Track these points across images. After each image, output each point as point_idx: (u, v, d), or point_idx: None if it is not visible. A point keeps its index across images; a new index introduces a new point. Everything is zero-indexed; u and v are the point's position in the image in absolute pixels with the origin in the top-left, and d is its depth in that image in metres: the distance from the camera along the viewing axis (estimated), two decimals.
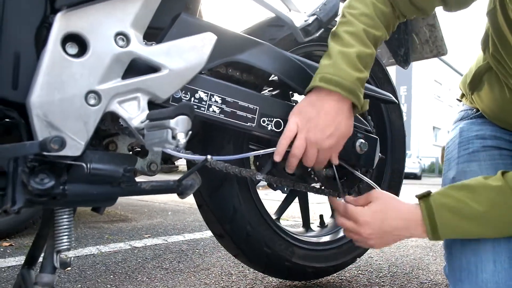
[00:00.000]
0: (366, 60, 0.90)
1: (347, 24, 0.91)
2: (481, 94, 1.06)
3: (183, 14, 0.86)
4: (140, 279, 1.42)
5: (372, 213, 0.89)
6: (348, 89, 0.87)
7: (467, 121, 1.10)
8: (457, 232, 0.84)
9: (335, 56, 0.88)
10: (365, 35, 0.90)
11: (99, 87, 0.73)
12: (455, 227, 0.83)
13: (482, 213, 0.80)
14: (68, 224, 0.78)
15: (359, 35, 0.89)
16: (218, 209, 1.12)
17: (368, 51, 0.90)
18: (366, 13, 0.90)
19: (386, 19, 0.93)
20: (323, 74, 0.88)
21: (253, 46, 0.94)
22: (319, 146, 0.90)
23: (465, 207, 0.81)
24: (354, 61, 0.88)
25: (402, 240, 2.20)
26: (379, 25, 0.92)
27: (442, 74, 33.15)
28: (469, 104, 1.14)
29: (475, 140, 1.03)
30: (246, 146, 1.14)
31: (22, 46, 0.69)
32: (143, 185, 0.82)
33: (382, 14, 0.92)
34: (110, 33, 0.74)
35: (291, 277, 1.29)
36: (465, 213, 0.81)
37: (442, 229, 0.83)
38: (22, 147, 0.64)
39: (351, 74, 0.87)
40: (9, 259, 1.67)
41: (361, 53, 0.88)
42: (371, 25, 0.90)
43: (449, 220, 0.82)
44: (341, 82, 0.86)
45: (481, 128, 1.04)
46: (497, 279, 0.80)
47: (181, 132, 0.67)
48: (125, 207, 3.45)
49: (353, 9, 0.91)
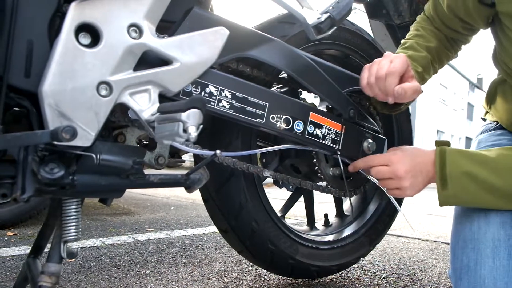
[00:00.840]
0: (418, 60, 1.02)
1: (402, 44, 1.07)
2: (497, 106, 1.09)
3: (196, 8, 0.86)
4: (143, 272, 1.42)
5: (402, 152, 0.95)
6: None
7: (487, 133, 1.12)
8: (463, 171, 0.86)
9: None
10: (417, 45, 1.04)
11: (111, 78, 0.73)
12: (462, 166, 0.86)
13: (490, 158, 0.85)
14: (76, 215, 0.79)
15: (412, 46, 1.04)
16: (224, 205, 1.12)
17: (420, 54, 1.03)
18: (417, 34, 1.07)
19: (438, 37, 1.07)
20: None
21: (265, 42, 0.94)
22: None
23: (476, 153, 0.88)
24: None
25: (405, 242, 2.20)
26: (431, 39, 1.06)
27: (448, 78, 33.03)
28: (491, 118, 1.16)
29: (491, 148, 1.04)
30: (254, 142, 1.13)
31: (35, 34, 0.69)
32: (151, 178, 0.82)
33: (432, 32, 1.07)
34: (123, 24, 0.73)
35: (294, 275, 1.29)
36: (475, 157, 0.87)
37: (450, 167, 0.86)
38: (34, 135, 0.64)
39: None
40: (13, 248, 1.68)
41: (413, 55, 1.02)
42: (423, 40, 1.05)
43: (458, 160, 0.87)
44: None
45: (498, 138, 1.06)
46: (495, 275, 0.81)
47: (192, 126, 0.67)
48: (128, 200, 3.46)
49: (407, 37, 1.09)
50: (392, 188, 0.96)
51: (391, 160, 0.94)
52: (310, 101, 1.16)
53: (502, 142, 1.04)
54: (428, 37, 1.06)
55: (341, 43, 1.23)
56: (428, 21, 1.08)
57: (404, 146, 1.00)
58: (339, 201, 1.45)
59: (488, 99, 1.13)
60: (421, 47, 1.03)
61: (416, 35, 1.06)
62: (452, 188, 0.86)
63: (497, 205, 0.86)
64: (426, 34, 1.06)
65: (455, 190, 0.87)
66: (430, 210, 3.90)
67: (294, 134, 0.99)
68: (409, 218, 3.14)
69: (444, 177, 0.87)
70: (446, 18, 1.03)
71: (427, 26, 1.07)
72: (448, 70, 32.56)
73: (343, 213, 1.45)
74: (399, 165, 0.93)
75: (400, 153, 0.95)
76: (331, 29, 0.97)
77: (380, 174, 0.96)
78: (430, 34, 1.06)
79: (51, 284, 0.75)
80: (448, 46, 1.10)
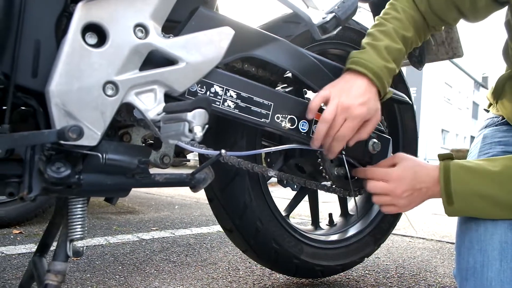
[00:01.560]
0: (394, 53, 0.97)
1: (379, 25, 1.01)
2: (504, 102, 1.08)
3: (201, 7, 0.86)
4: (148, 271, 1.42)
5: (403, 169, 0.92)
6: (375, 74, 0.93)
7: (492, 127, 1.11)
8: (469, 189, 0.85)
9: (366, 47, 0.97)
10: (395, 33, 0.98)
11: (117, 78, 0.73)
12: (468, 183, 0.85)
13: (496, 172, 0.84)
14: (82, 213, 0.79)
15: (389, 32, 0.98)
16: (229, 204, 1.12)
17: (396, 46, 0.98)
18: (396, 17, 1.01)
19: (416, 25, 1.02)
20: (353, 58, 0.96)
21: (270, 42, 0.94)
22: (350, 112, 0.91)
23: (480, 168, 0.85)
24: (382, 52, 0.95)
25: (410, 242, 2.19)
26: (409, 27, 1.00)
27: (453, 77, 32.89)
28: (496, 112, 1.15)
29: (497, 146, 1.03)
30: (259, 142, 1.14)
31: (42, 34, 0.70)
32: (157, 177, 0.82)
33: (412, 18, 1.01)
34: (129, 24, 0.74)
35: (299, 274, 1.29)
36: (479, 172, 0.85)
37: (455, 184, 0.85)
38: (41, 135, 0.65)
39: (379, 62, 0.94)
40: (19, 247, 1.69)
41: (389, 46, 0.96)
42: (401, 26, 0.99)
43: (463, 176, 0.86)
44: (370, 66, 0.93)
45: (504, 135, 1.05)
46: (502, 278, 0.80)
47: (198, 126, 0.67)
48: (132, 199, 3.47)
49: (386, 15, 1.02)
50: (386, 204, 0.95)
51: (391, 177, 0.92)
52: None
53: (509, 140, 1.04)
54: (406, 23, 1.01)
55: (346, 43, 1.23)
56: (411, 4, 1.03)
57: (406, 158, 0.96)
58: (343, 200, 1.45)
59: (495, 94, 1.12)
60: (398, 35, 0.99)
61: (395, 17, 1.00)
62: (457, 204, 0.86)
63: (504, 216, 0.85)
64: (405, 20, 1.01)
65: (461, 206, 0.87)
66: (435, 210, 3.89)
67: (299, 134, 0.99)
68: (414, 218, 3.13)
69: (449, 193, 0.86)
70: (440, 8, 1.00)
71: (408, 10, 1.01)
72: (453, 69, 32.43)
73: (348, 213, 1.45)
74: (398, 183, 0.91)
75: (400, 170, 0.92)
76: (336, 29, 0.97)
77: (377, 189, 0.94)
78: (409, 20, 1.01)
79: (57, 282, 0.76)
80: (421, 36, 1.06)
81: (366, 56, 0.94)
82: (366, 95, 0.93)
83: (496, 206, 0.84)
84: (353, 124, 0.92)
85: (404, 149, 1.41)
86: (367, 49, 0.96)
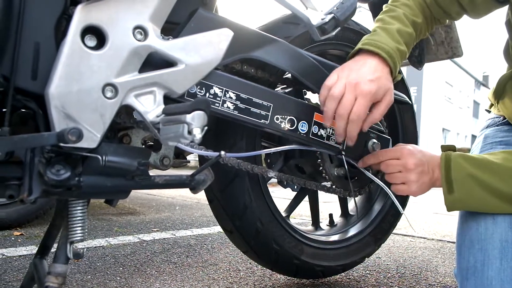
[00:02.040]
0: (405, 36, 0.97)
1: (389, 11, 1.01)
2: (505, 102, 1.08)
3: (201, 9, 0.86)
4: (149, 272, 1.43)
5: (412, 147, 0.97)
6: (388, 52, 0.92)
7: (493, 128, 1.12)
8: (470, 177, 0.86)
9: (377, 30, 0.97)
10: (405, 18, 0.99)
11: (116, 80, 0.73)
12: (468, 171, 0.86)
13: (497, 164, 0.85)
14: (82, 215, 0.79)
15: (400, 17, 0.99)
16: (228, 205, 1.12)
17: (407, 29, 0.98)
18: (406, 3, 1.01)
19: (425, 12, 1.03)
20: (365, 40, 0.95)
21: (269, 43, 0.94)
22: (359, 89, 0.87)
23: (481, 159, 0.87)
24: (394, 35, 0.95)
25: (411, 242, 2.19)
26: (418, 14, 1.01)
27: (454, 76, 32.85)
28: (497, 112, 1.15)
29: (498, 146, 1.03)
30: (259, 143, 1.14)
31: (42, 37, 0.70)
32: (157, 179, 0.82)
33: (420, 6, 1.02)
34: (128, 26, 0.74)
35: (299, 275, 1.29)
36: (480, 162, 0.87)
37: (456, 172, 0.87)
38: (40, 137, 0.65)
39: (391, 43, 0.94)
40: (20, 248, 1.69)
41: (401, 30, 0.97)
42: (411, 12, 1.00)
43: (463, 164, 0.87)
44: (382, 46, 0.92)
45: (506, 134, 1.05)
46: (502, 277, 0.80)
47: (197, 127, 0.67)
48: (133, 200, 3.47)
49: (395, 1, 1.03)
50: (398, 182, 0.96)
51: (402, 153, 0.95)
52: (314, 102, 1.16)
53: (510, 139, 1.04)
54: (416, 10, 1.01)
55: (345, 43, 1.24)
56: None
57: (414, 146, 0.99)
58: (344, 201, 1.45)
59: (496, 94, 1.12)
60: (408, 20, 0.99)
61: (405, 4, 1.01)
62: (458, 192, 0.87)
63: (504, 209, 0.85)
64: (414, 6, 1.01)
65: (461, 195, 0.87)
66: (436, 209, 3.89)
67: (298, 134, 0.99)
68: (415, 217, 3.13)
69: (449, 180, 0.87)
70: (443, 1, 1.01)
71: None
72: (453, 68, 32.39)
73: (348, 213, 1.45)
74: (409, 158, 0.94)
75: (410, 147, 0.97)
76: (335, 29, 0.97)
77: (391, 167, 0.97)
78: (418, 7, 1.02)
79: (58, 284, 0.76)
80: (428, 25, 1.07)
81: (378, 37, 0.94)
82: (377, 73, 0.90)
83: (496, 197, 0.85)
84: (365, 101, 0.88)
85: None
86: (378, 31, 0.96)
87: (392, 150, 0.99)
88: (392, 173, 0.97)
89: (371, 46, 0.92)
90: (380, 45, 0.92)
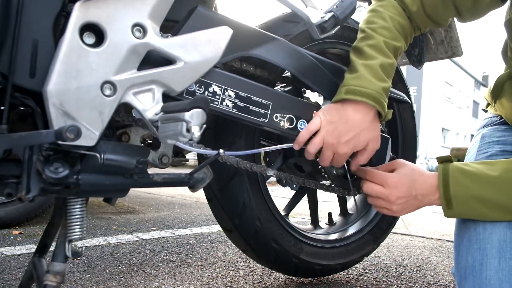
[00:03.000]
0: (388, 70, 0.94)
1: (368, 38, 0.95)
2: (503, 102, 1.08)
3: (200, 7, 0.86)
4: (148, 271, 1.42)
5: (400, 176, 0.92)
6: (373, 98, 0.91)
7: (490, 127, 1.12)
8: (468, 194, 0.84)
9: (360, 69, 0.92)
10: (385, 46, 0.94)
11: (115, 78, 0.73)
12: (467, 188, 0.84)
13: (495, 177, 0.83)
14: (81, 214, 0.79)
15: (380, 47, 0.94)
16: (227, 204, 1.12)
17: (389, 61, 0.94)
18: (385, 26, 0.95)
19: (404, 31, 0.99)
20: (348, 86, 0.92)
21: (268, 42, 0.94)
22: (334, 150, 0.94)
23: (479, 172, 0.84)
24: (378, 72, 0.92)
25: (410, 241, 2.19)
26: (398, 37, 0.97)
27: (453, 76, 32.87)
28: (494, 112, 1.15)
29: (495, 145, 1.03)
30: (258, 141, 1.14)
31: (40, 34, 0.70)
32: (155, 177, 0.82)
33: (400, 26, 0.97)
34: (127, 24, 0.74)
35: (298, 273, 1.29)
36: (478, 176, 0.84)
37: (454, 189, 0.85)
38: (38, 135, 0.64)
39: (376, 84, 0.91)
40: (19, 247, 1.69)
41: (383, 64, 0.93)
42: (390, 37, 0.95)
43: (462, 180, 0.85)
44: (367, 91, 0.90)
45: (503, 134, 1.05)
46: (501, 276, 0.80)
47: (195, 126, 0.67)
48: (132, 199, 3.47)
49: (372, 24, 0.96)
50: (380, 207, 0.95)
51: (387, 183, 0.92)
52: (313, 100, 1.16)
53: (507, 139, 1.04)
54: (395, 33, 0.96)
55: (345, 42, 1.23)
56: (398, 10, 0.98)
57: (405, 165, 0.95)
58: (343, 199, 1.45)
59: (494, 94, 1.12)
60: (389, 48, 0.95)
61: (384, 27, 0.95)
62: (457, 208, 0.86)
63: (507, 219, 0.85)
64: (393, 28, 0.96)
65: (460, 210, 0.87)
66: (435, 208, 3.89)
67: (297, 133, 0.99)
68: (414, 216, 3.13)
69: (448, 198, 0.86)
70: (434, 8, 0.97)
71: (396, 17, 0.97)
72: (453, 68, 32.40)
73: (347, 212, 1.45)
74: (394, 190, 0.91)
75: (397, 177, 0.92)
76: (335, 28, 0.96)
77: (373, 192, 0.94)
78: (397, 28, 0.97)
79: (57, 283, 0.76)
80: (408, 41, 1.03)
81: (362, 81, 0.91)
82: (356, 129, 0.92)
83: (496, 210, 0.84)
84: (341, 158, 0.95)
85: (404, 148, 1.41)
86: (360, 72, 0.92)
87: (378, 176, 0.94)
88: (373, 197, 0.95)
89: (355, 95, 0.91)
90: (365, 92, 0.90)
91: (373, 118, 0.94)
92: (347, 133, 0.92)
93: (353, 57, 0.96)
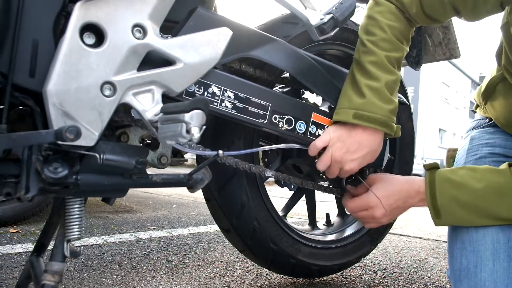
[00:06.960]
0: (393, 87, 0.96)
1: (369, 53, 0.94)
2: (494, 103, 1.09)
3: (200, 8, 0.86)
4: (145, 271, 1.42)
5: (378, 192, 0.97)
6: (381, 122, 0.94)
7: (479, 129, 1.13)
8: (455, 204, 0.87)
9: (366, 92, 0.93)
10: (388, 61, 0.94)
11: (115, 78, 0.73)
12: (454, 198, 0.87)
13: (480, 189, 0.85)
14: (79, 214, 0.79)
15: (382, 64, 0.93)
16: (226, 204, 1.12)
17: (393, 78, 0.95)
18: (385, 38, 0.94)
19: (404, 36, 0.98)
20: (356, 110, 0.93)
21: (268, 43, 0.94)
22: (341, 166, 0.98)
23: (465, 182, 0.87)
24: (384, 94, 0.93)
25: (407, 241, 2.20)
26: (399, 46, 0.96)
27: (451, 77, 32.95)
28: (483, 114, 1.15)
29: (484, 148, 1.05)
30: (256, 142, 1.14)
31: (40, 34, 0.70)
32: (154, 177, 0.82)
33: (399, 33, 0.96)
34: (127, 24, 0.74)
35: (296, 274, 1.29)
36: (464, 186, 0.86)
37: (441, 199, 0.88)
38: (38, 135, 0.65)
39: (383, 108, 0.93)
40: (16, 246, 1.69)
41: (388, 83, 0.94)
42: (391, 48, 0.94)
43: (448, 190, 0.88)
44: (375, 117, 0.93)
45: (492, 136, 1.06)
46: (495, 278, 0.81)
47: (195, 127, 0.67)
48: (130, 198, 3.46)
49: (372, 36, 0.95)
50: (370, 225, 1.03)
51: (369, 204, 0.97)
52: (312, 101, 1.17)
53: (495, 141, 1.06)
54: (395, 42, 0.94)
55: (344, 43, 1.24)
56: (395, 15, 0.95)
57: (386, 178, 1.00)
58: (340, 200, 1.45)
59: (485, 95, 1.12)
60: (391, 63, 0.94)
61: (384, 39, 0.93)
62: (445, 217, 0.89)
63: (494, 224, 0.86)
64: (393, 38, 0.94)
65: (449, 220, 0.90)
66: None
67: (296, 134, 0.99)
68: (411, 217, 3.14)
69: (436, 208, 0.89)
70: (434, 9, 0.95)
71: (394, 24, 0.94)
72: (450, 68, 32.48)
73: (345, 213, 1.45)
74: (376, 209, 0.96)
75: (379, 193, 0.96)
76: (334, 30, 0.97)
77: (359, 217, 1.02)
78: (397, 36, 0.95)
79: (54, 282, 0.76)
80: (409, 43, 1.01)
81: (370, 107, 0.92)
82: (364, 150, 0.96)
83: (484, 217, 0.86)
84: (347, 173, 1.00)
85: (401, 149, 1.41)
86: (368, 97, 0.92)
87: (359, 203, 0.99)
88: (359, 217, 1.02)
89: (364, 121, 0.93)
90: (373, 118, 0.93)
91: (381, 139, 0.99)
92: (356, 152, 0.96)
93: (357, 74, 0.95)
